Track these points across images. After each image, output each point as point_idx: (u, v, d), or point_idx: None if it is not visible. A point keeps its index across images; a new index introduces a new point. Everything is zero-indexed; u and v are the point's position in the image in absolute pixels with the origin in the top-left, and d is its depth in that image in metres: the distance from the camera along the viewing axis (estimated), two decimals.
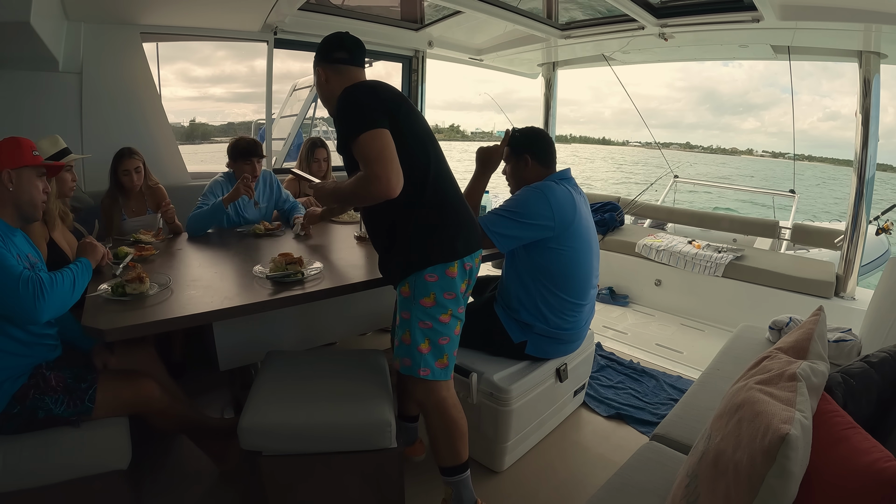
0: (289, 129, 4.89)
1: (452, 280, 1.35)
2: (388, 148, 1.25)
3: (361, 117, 1.27)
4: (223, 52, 35.87)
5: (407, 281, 1.35)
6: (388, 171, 1.23)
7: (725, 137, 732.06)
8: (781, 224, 3.92)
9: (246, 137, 2.47)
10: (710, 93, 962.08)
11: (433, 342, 1.36)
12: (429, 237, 1.34)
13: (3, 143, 1.35)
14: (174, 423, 1.57)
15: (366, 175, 1.25)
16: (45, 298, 1.20)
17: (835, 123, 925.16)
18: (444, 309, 1.35)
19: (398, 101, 1.36)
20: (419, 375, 1.36)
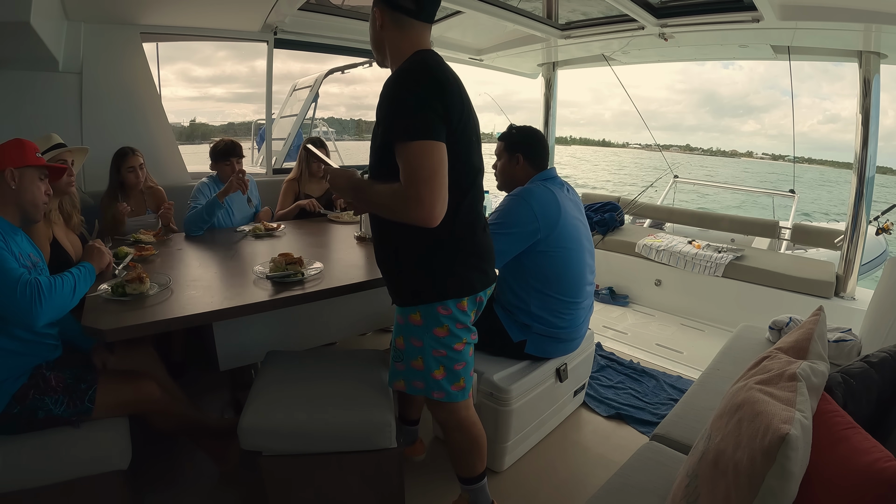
0: (289, 129, 4.90)
1: (464, 312, 1.27)
2: (443, 169, 1.08)
3: (423, 120, 1.07)
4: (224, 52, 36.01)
5: (418, 309, 1.25)
6: (435, 198, 1.06)
7: (725, 140, 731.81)
8: (781, 224, 3.92)
9: (225, 139, 2.55)
10: (710, 95, 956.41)
11: (448, 368, 1.28)
12: (448, 270, 1.22)
13: (7, 144, 1.36)
14: (174, 424, 1.57)
15: (407, 194, 1.07)
16: (43, 303, 1.20)
17: (835, 126, 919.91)
18: (458, 338, 1.27)
19: (463, 107, 1.16)
20: (433, 398, 1.30)
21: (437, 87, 1.12)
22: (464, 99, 1.18)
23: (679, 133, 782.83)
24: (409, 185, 1.07)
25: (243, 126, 11.01)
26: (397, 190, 1.09)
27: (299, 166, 2.89)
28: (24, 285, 1.19)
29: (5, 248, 1.24)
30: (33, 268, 1.35)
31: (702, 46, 3.43)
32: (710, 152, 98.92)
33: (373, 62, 4.09)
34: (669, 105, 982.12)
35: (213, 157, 2.52)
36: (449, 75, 1.17)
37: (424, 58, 1.17)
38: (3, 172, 1.31)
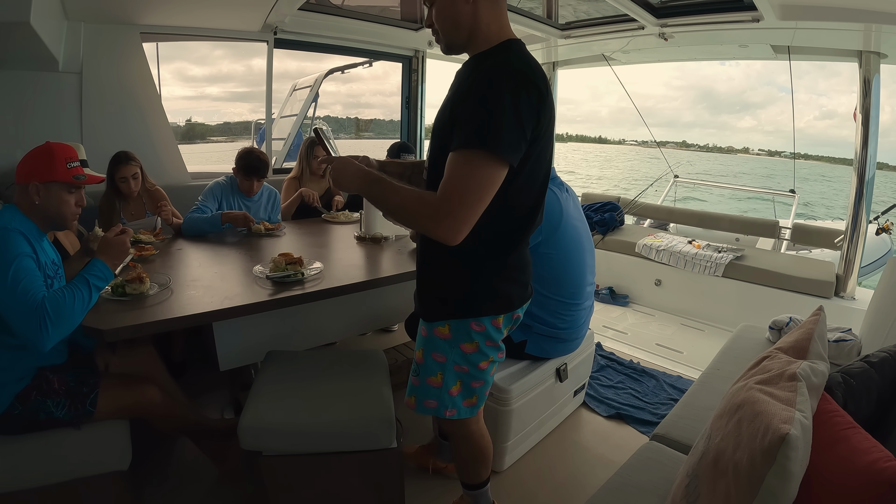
0: (289, 129, 4.90)
1: (498, 330, 1.18)
2: (489, 192, 0.96)
3: (506, 133, 0.92)
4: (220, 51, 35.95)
5: (448, 323, 1.16)
6: (466, 219, 0.95)
7: (722, 136, 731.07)
8: (781, 224, 3.93)
9: (257, 153, 2.44)
10: (707, 91, 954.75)
11: (465, 384, 1.22)
12: (490, 287, 1.13)
13: (35, 153, 1.30)
14: (175, 426, 1.57)
15: (437, 204, 0.95)
16: (49, 331, 1.13)
17: (831, 122, 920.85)
18: (484, 356, 1.19)
19: (552, 120, 1.04)
20: (444, 416, 1.24)
21: (538, 96, 0.96)
22: (552, 108, 1.04)
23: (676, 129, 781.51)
24: (446, 195, 0.94)
25: (239, 125, 11.00)
26: (426, 198, 0.97)
27: (300, 165, 2.89)
28: (36, 309, 1.12)
29: (36, 264, 1.20)
30: (55, 276, 1.34)
31: (702, 46, 3.43)
32: (706, 148, 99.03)
33: (373, 62, 4.09)
34: (666, 102, 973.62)
35: (238, 164, 2.42)
36: (547, 84, 1.02)
37: (524, 54, 1.02)
38: (28, 186, 1.27)
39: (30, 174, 1.27)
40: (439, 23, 1.07)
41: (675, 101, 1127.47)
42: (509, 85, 0.93)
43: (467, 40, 1.06)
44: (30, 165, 1.29)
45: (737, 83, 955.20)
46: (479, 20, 1.03)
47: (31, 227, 1.28)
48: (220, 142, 10.62)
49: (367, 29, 3.37)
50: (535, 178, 1.07)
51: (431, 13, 1.08)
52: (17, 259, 1.16)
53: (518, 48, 1.03)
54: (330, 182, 1.19)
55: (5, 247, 1.16)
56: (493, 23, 1.04)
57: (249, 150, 2.44)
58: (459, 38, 1.06)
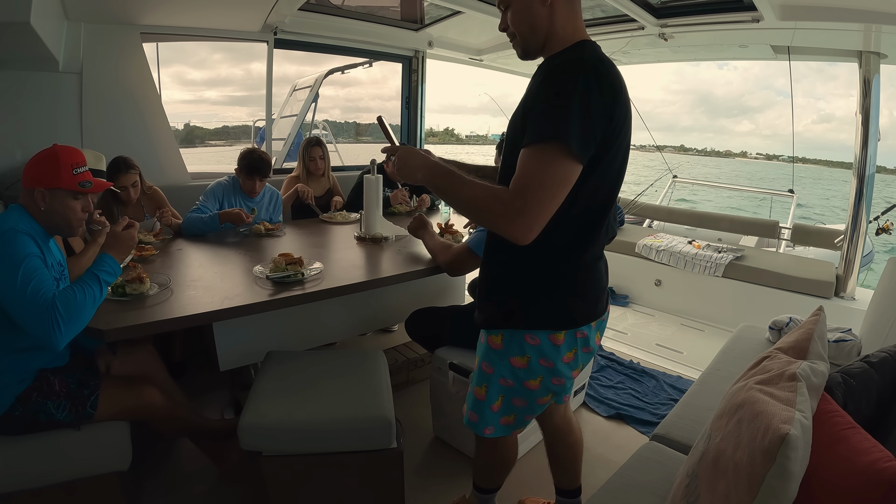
0: (288, 130, 4.90)
1: (556, 347, 1.07)
2: (563, 189, 0.91)
3: (577, 126, 0.88)
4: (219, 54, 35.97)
5: (501, 332, 1.10)
6: (539, 217, 0.90)
7: (720, 140, 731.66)
8: (781, 224, 3.93)
9: (259, 153, 2.44)
10: (705, 95, 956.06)
11: (507, 400, 1.14)
12: (551, 298, 1.05)
13: (40, 158, 1.27)
14: (175, 427, 1.57)
15: (510, 200, 0.90)
16: (62, 329, 1.13)
17: (829, 126, 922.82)
18: (534, 374, 1.10)
19: (626, 121, 0.99)
20: (483, 434, 1.19)
21: (611, 94, 0.92)
22: (627, 109, 0.99)
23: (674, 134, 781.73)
24: (519, 191, 0.90)
25: (238, 129, 10.99)
26: (500, 194, 0.92)
27: (300, 165, 2.90)
28: (47, 309, 1.11)
29: (45, 265, 1.19)
30: (60, 277, 1.34)
31: (702, 47, 3.43)
32: (704, 152, 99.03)
33: (372, 62, 4.09)
34: (664, 106, 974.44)
35: (240, 164, 2.42)
36: (622, 82, 0.97)
37: (597, 52, 0.98)
38: (34, 192, 1.25)
39: (35, 180, 1.25)
40: (515, 26, 1.04)
41: (674, 106, 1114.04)
42: (580, 80, 0.89)
43: (544, 43, 1.03)
44: (35, 170, 1.26)
45: (735, 87, 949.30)
46: (556, 22, 1.00)
47: (37, 228, 1.27)
48: (219, 146, 10.60)
49: (367, 29, 3.37)
50: (605, 183, 1.00)
51: (506, 17, 1.04)
52: (26, 259, 1.15)
53: (592, 47, 0.99)
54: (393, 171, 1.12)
55: (14, 248, 1.15)
56: (569, 25, 1.01)
57: (251, 150, 2.44)
58: (536, 41, 1.03)
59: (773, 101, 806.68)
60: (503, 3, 1.05)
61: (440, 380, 1.83)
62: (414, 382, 2.38)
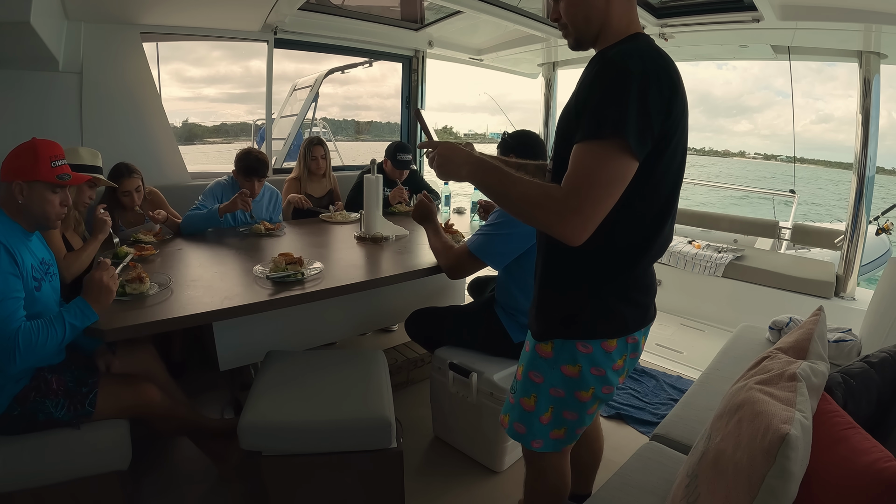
0: (289, 129, 4.90)
1: (608, 355, 1.04)
2: (618, 187, 0.86)
3: (634, 121, 0.83)
4: (218, 52, 35.83)
5: (552, 341, 1.06)
6: (593, 216, 0.86)
7: (718, 140, 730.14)
8: (781, 224, 3.93)
9: (255, 153, 2.43)
10: (703, 95, 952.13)
11: (556, 412, 1.09)
12: (605, 305, 1.01)
13: (19, 151, 1.27)
14: (174, 426, 1.57)
15: (563, 198, 0.86)
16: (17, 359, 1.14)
17: (828, 126, 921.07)
18: (585, 385, 1.05)
19: (683, 119, 0.94)
20: (531, 447, 1.15)
21: (669, 84, 0.87)
22: (685, 107, 0.95)
23: None
24: (573, 190, 0.86)
25: (236, 127, 10.98)
26: (551, 191, 0.88)
27: (300, 165, 2.89)
28: (12, 338, 1.12)
29: (16, 278, 1.18)
30: (45, 276, 1.33)
31: (702, 47, 3.43)
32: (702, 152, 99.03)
33: (373, 62, 4.09)
34: None
35: (237, 166, 2.42)
36: (679, 77, 0.92)
37: (654, 45, 0.94)
38: (12, 185, 1.25)
39: (13, 172, 1.25)
40: (569, 17, 0.99)
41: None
42: (637, 74, 0.85)
43: (598, 35, 0.98)
44: (13, 163, 1.26)
45: (734, 87, 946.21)
46: (612, 14, 0.95)
47: (14, 229, 1.26)
48: (217, 143, 10.60)
49: (367, 29, 3.37)
50: (664, 183, 0.95)
51: (558, 6, 0.99)
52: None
53: (647, 40, 0.95)
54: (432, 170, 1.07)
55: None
56: (625, 16, 0.96)
57: (248, 151, 2.44)
58: (591, 32, 0.98)
59: (772, 101, 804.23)
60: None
61: (440, 380, 1.83)
62: (414, 382, 2.38)
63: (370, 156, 2.47)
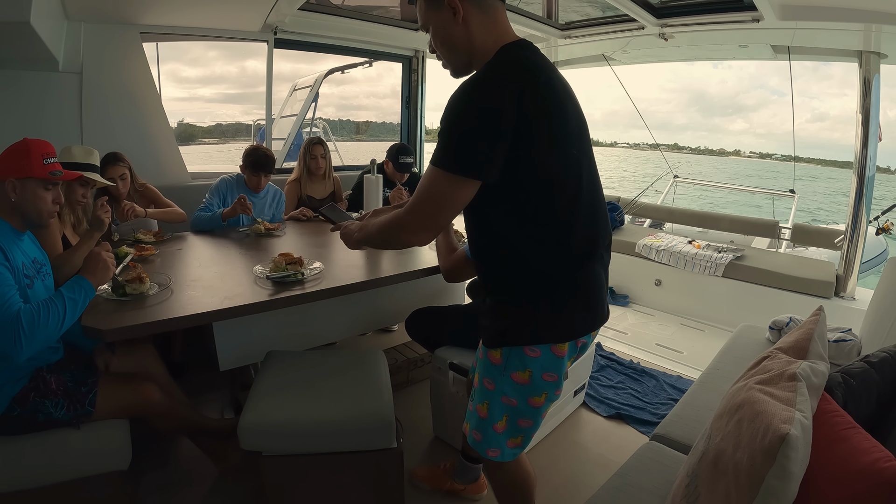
0: (288, 130, 4.90)
1: (559, 360, 1.05)
2: (450, 203, 0.96)
3: (464, 148, 0.92)
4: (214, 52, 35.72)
5: (500, 348, 1.07)
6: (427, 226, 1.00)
7: (714, 138, 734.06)
8: (781, 224, 3.93)
9: (264, 150, 2.50)
10: (699, 94, 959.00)
11: (511, 421, 1.09)
12: (549, 311, 1.02)
13: (12, 150, 1.29)
14: (174, 426, 1.57)
15: (403, 217, 1.01)
16: (23, 344, 1.13)
17: (823, 125, 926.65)
18: (538, 391, 1.06)
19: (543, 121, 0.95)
20: (487, 456, 1.14)
21: (511, 98, 0.90)
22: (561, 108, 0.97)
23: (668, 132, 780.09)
24: (408, 211, 1.00)
25: (231, 127, 10.95)
26: (394, 217, 1.04)
27: (300, 166, 2.89)
28: (10, 321, 1.12)
29: (8, 271, 1.19)
30: (37, 275, 1.34)
31: (702, 46, 3.43)
32: (697, 151, 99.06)
33: (373, 62, 4.09)
34: (659, 104, 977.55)
35: (245, 161, 2.48)
36: (541, 80, 0.94)
37: (511, 54, 0.97)
38: (4, 183, 1.26)
39: (5, 171, 1.27)
40: (439, 50, 1.06)
41: (668, 104, 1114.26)
42: (467, 99, 0.92)
43: (468, 60, 1.03)
44: (6, 162, 1.28)
45: (730, 86, 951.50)
46: (474, 38, 1.00)
47: (5, 228, 1.27)
48: (213, 144, 10.58)
49: (367, 29, 3.37)
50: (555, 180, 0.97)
51: (434, 41, 1.06)
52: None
53: (504, 54, 0.98)
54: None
55: None
56: (489, 36, 1.00)
57: (256, 147, 2.50)
58: (460, 60, 1.04)
59: (768, 99, 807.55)
60: (424, 27, 1.05)
61: (440, 380, 1.83)
62: (414, 382, 2.38)
63: (369, 156, 2.48)
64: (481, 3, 0.99)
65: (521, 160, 0.93)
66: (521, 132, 0.91)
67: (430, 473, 1.72)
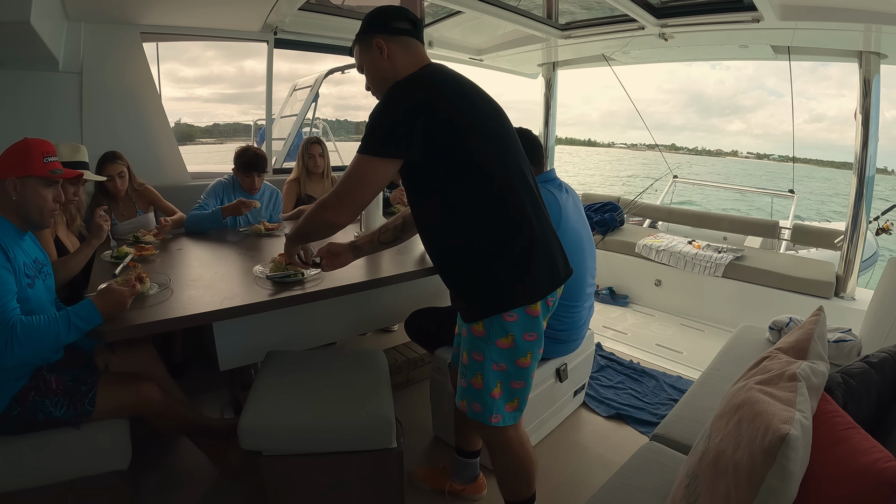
0: (288, 130, 4.90)
1: (535, 319, 1.17)
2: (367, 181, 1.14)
3: (380, 134, 1.11)
4: (212, 52, 35.75)
5: (481, 321, 1.18)
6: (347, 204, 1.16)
7: (711, 139, 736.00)
8: (781, 224, 3.93)
9: (253, 149, 2.47)
10: (697, 95, 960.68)
11: (505, 385, 1.20)
12: (510, 277, 1.14)
13: (12, 149, 1.30)
14: (174, 425, 1.57)
15: (326, 198, 1.19)
16: (14, 349, 1.13)
17: (820, 125, 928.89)
18: (522, 352, 1.18)
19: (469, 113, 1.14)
20: (490, 423, 1.22)
21: (420, 98, 1.10)
22: (468, 104, 1.14)
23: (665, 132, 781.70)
24: (332, 192, 1.17)
25: (228, 127, 10.91)
26: (319, 202, 1.21)
27: (299, 166, 2.88)
28: (9, 327, 1.12)
29: (10, 274, 1.19)
30: (38, 274, 1.34)
31: (702, 47, 3.43)
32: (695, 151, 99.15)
33: None
34: (657, 105, 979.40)
35: (236, 163, 2.45)
36: (446, 81, 1.15)
37: (426, 70, 1.17)
38: (5, 182, 1.26)
39: (6, 170, 1.27)
40: (371, 84, 1.26)
41: (666, 105, 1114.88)
42: (383, 102, 1.12)
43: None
44: (6, 161, 1.28)
45: (727, 86, 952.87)
46: (398, 69, 1.19)
47: (7, 227, 1.27)
48: (210, 143, 10.56)
49: None
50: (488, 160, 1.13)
51: (368, 77, 1.26)
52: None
53: (419, 72, 1.16)
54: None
55: None
56: (409, 67, 1.18)
57: (246, 148, 2.46)
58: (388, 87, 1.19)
59: (766, 100, 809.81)
60: (359, 68, 1.27)
61: (440, 380, 1.83)
62: (414, 382, 2.38)
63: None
64: (401, 41, 1.20)
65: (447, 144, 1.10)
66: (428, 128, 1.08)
67: (429, 474, 1.73)
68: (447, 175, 1.12)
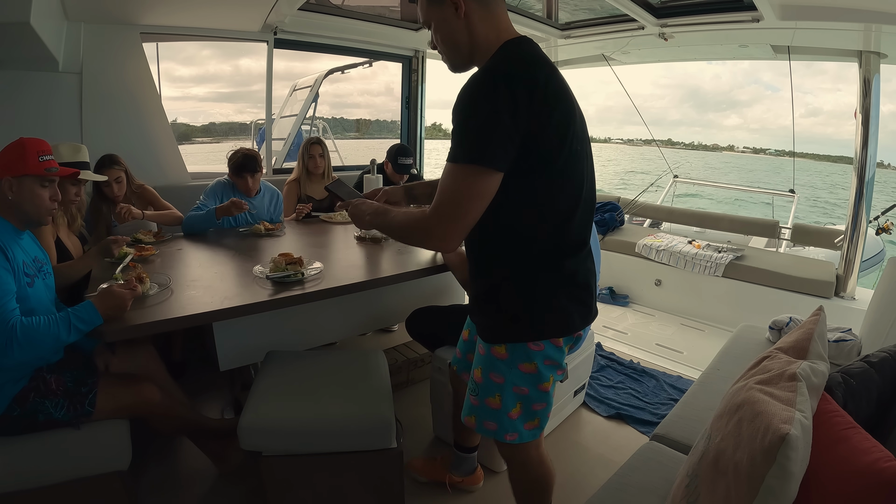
0: (289, 129, 4.90)
1: (559, 350, 1.11)
2: (477, 201, 0.94)
3: (481, 140, 0.91)
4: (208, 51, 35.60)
5: (504, 344, 1.11)
6: (455, 231, 0.96)
7: (708, 134, 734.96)
8: (781, 224, 3.93)
9: (243, 150, 2.44)
10: (693, 90, 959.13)
11: (526, 407, 1.14)
12: (547, 304, 1.06)
13: (7, 149, 1.30)
14: (174, 426, 1.57)
15: (427, 220, 0.97)
16: (14, 352, 1.13)
17: (816, 120, 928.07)
18: (546, 377, 1.11)
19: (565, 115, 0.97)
20: (505, 440, 1.17)
21: (524, 93, 0.91)
22: (567, 104, 0.98)
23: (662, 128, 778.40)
24: (433, 213, 0.96)
25: (224, 126, 10.90)
26: (417, 216, 1.01)
27: (299, 166, 2.88)
28: (9, 328, 1.12)
29: (9, 274, 1.19)
30: (38, 273, 1.34)
31: (702, 46, 3.43)
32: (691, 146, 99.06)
33: (373, 62, 4.09)
34: (653, 100, 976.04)
35: (229, 167, 2.44)
36: (547, 75, 0.95)
37: (512, 54, 0.98)
38: (1, 181, 1.26)
39: (3, 169, 1.27)
40: (440, 45, 1.07)
41: (663, 100, 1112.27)
42: (482, 90, 0.92)
43: (469, 56, 1.05)
44: (2, 160, 1.28)
45: (724, 81, 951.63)
46: (476, 34, 1.01)
47: (5, 226, 1.28)
48: (207, 143, 10.55)
49: (367, 29, 3.37)
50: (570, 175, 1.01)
51: (436, 37, 1.07)
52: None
53: (509, 49, 0.99)
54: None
55: None
56: (491, 32, 1.01)
57: (236, 151, 2.46)
58: (461, 56, 1.06)
59: (762, 95, 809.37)
60: (426, 23, 1.07)
61: (440, 380, 1.83)
62: (414, 382, 2.38)
63: (367, 155, 2.47)
64: (484, 2, 1.00)
65: (530, 154, 0.94)
66: (531, 127, 0.92)
67: (426, 465, 1.74)
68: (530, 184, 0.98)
